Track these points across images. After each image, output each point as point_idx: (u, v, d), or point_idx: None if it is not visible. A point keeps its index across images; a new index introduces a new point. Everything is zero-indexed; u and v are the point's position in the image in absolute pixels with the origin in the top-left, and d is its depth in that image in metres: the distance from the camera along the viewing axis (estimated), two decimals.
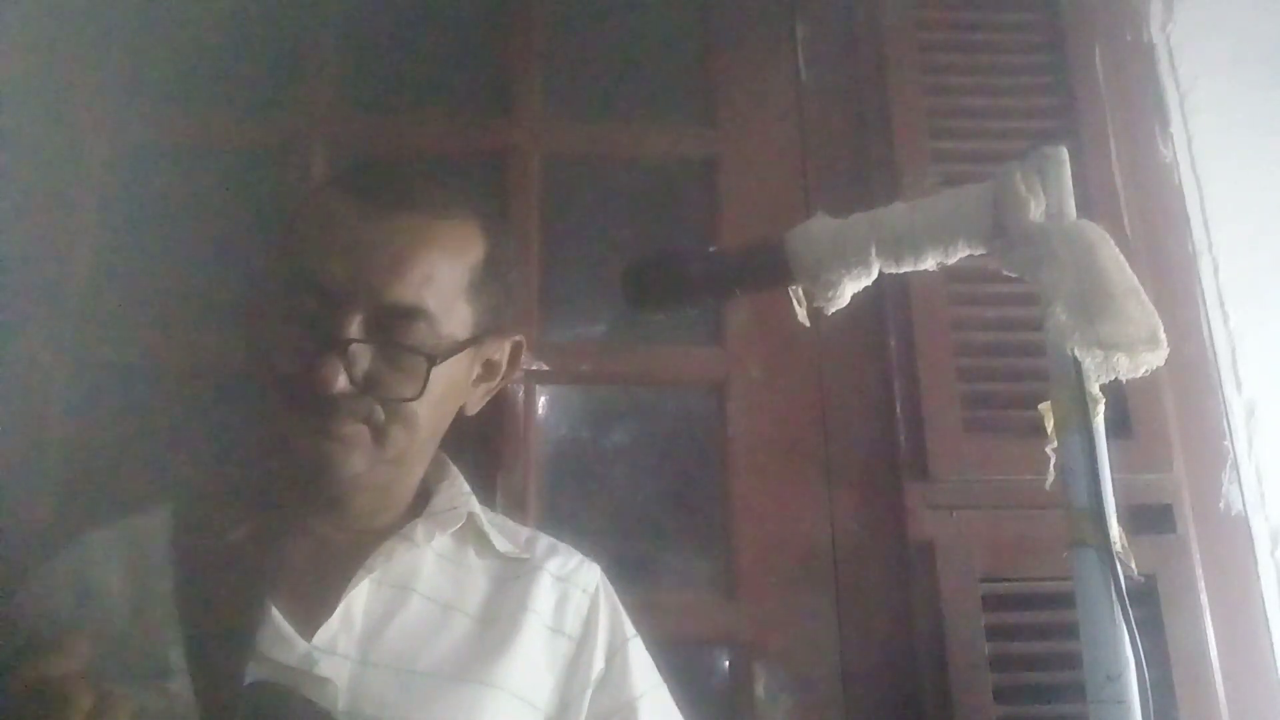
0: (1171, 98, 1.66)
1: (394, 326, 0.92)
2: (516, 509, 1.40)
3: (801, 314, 0.85)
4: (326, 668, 0.90)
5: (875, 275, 0.83)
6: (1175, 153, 1.64)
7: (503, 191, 1.57)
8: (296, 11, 1.66)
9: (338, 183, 1.00)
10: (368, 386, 0.92)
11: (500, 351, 1.06)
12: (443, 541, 1.03)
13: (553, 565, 1.06)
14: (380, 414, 0.93)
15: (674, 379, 1.56)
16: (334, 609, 0.93)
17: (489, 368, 1.06)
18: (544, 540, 1.10)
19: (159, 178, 1.55)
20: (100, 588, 0.96)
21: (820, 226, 0.83)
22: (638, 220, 1.67)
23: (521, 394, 1.48)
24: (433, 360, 0.93)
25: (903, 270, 0.83)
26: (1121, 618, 0.69)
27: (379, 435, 0.94)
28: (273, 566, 0.94)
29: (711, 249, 0.93)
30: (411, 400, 0.93)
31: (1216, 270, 1.57)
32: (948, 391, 1.47)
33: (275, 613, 0.91)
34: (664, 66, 1.74)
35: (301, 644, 0.91)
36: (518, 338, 1.08)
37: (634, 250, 0.92)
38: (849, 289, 0.83)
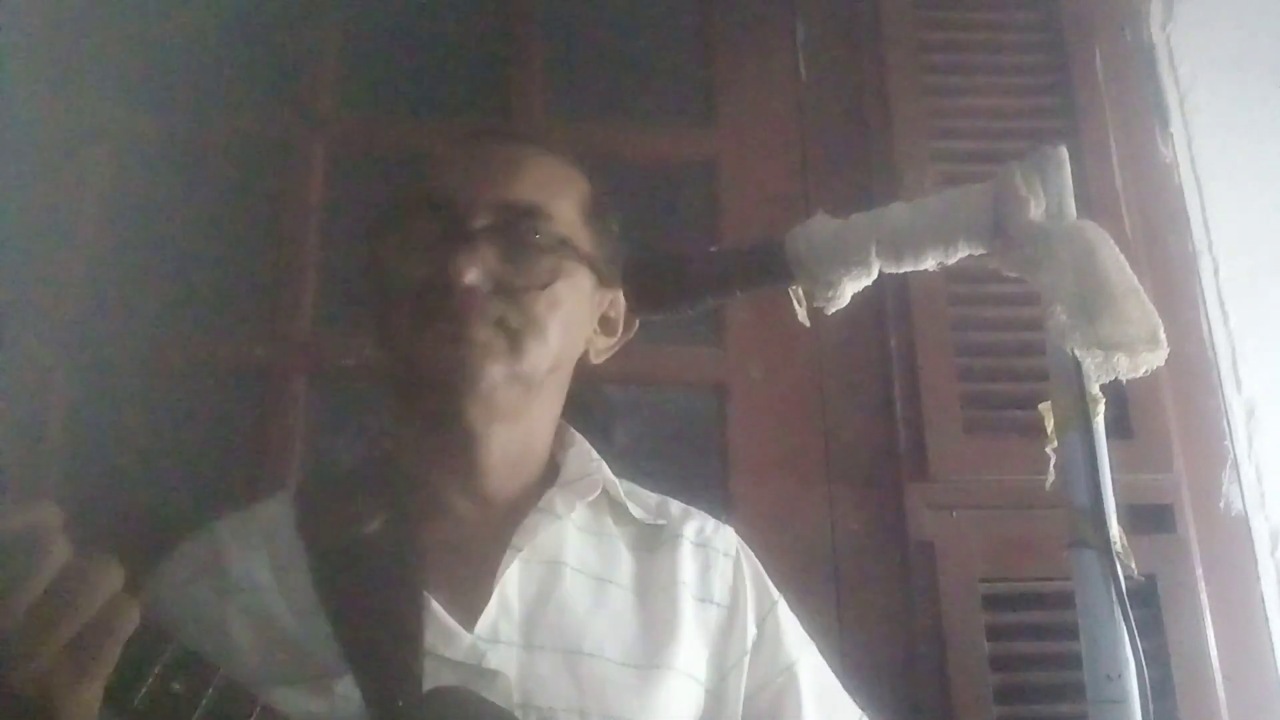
0: (1171, 98, 1.66)
1: (519, 223, 0.94)
2: None
3: (801, 314, 0.85)
4: (495, 659, 0.85)
5: (875, 275, 0.82)
6: (1175, 153, 1.64)
7: None
8: (296, 12, 1.66)
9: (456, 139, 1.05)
10: (498, 286, 0.91)
11: (615, 308, 1.05)
12: (581, 512, 0.99)
13: (690, 531, 1.02)
14: (514, 319, 0.91)
15: (674, 379, 1.56)
16: (489, 594, 0.89)
17: (605, 324, 1.05)
18: (674, 505, 1.06)
19: (159, 178, 1.55)
20: (244, 580, 0.90)
21: (820, 226, 0.83)
22: (638, 220, 1.66)
23: None
24: (562, 244, 0.94)
25: (903, 270, 0.83)
26: (1121, 618, 0.69)
27: (514, 342, 0.91)
28: (422, 556, 0.89)
29: (711, 249, 0.93)
30: (544, 286, 0.92)
31: (1216, 270, 1.57)
32: (948, 391, 1.47)
33: (436, 605, 0.86)
34: (664, 66, 1.74)
35: (466, 636, 0.86)
36: None
37: (634, 250, 0.92)
38: (849, 289, 0.83)
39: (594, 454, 1.04)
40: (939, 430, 1.45)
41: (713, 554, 1.01)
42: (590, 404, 1.11)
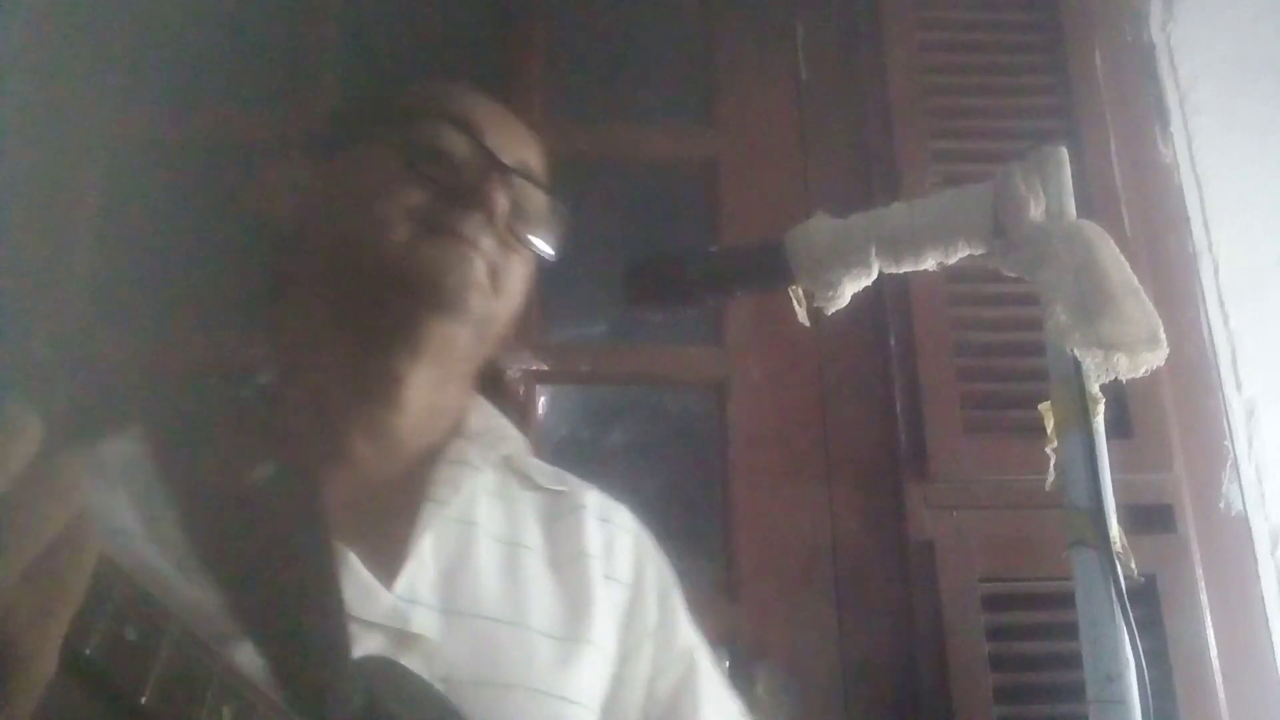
0: (1171, 98, 1.66)
1: (534, 187, 0.93)
2: None
3: (801, 314, 0.85)
4: (419, 622, 0.77)
5: (875, 275, 0.82)
6: (1175, 153, 1.64)
7: None
8: (297, 12, 1.66)
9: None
10: (503, 233, 0.89)
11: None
12: (488, 474, 0.92)
13: (592, 502, 0.96)
14: (503, 271, 0.89)
15: (674, 379, 1.56)
16: (404, 551, 0.80)
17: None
18: (569, 475, 1.00)
19: (159, 177, 1.55)
20: (107, 522, 0.76)
21: (820, 226, 0.83)
22: (638, 220, 1.67)
23: (521, 394, 1.48)
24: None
25: (903, 270, 0.83)
26: (1121, 618, 0.69)
27: (496, 289, 0.89)
28: (329, 507, 0.78)
29: (711, 249, 0.92)
30: (551, 257, 0.92)
31: (1216, 270, 1.58)
32: (948, 391, 1.47)
33: (354, 559, 0.77)
34: (664, 66, 1.75)
35: (387, 595, 0.77)
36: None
37: (634, 250, 0.92)
38: (849, 289, 0.83)
39: (497, 412, 0.98)
40: (939, 430, 1.45)
41: (616, 530, 0.96)
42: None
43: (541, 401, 1.51)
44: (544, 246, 0.93)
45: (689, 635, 0.95)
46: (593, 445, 1.56)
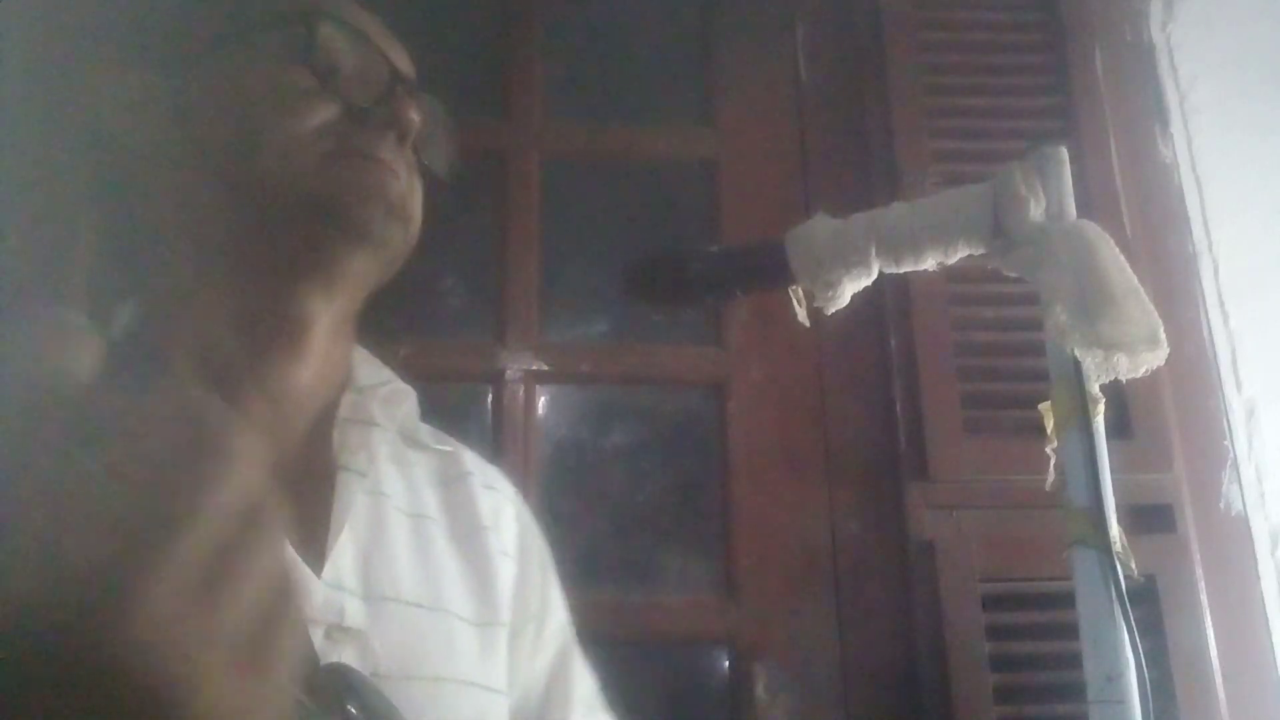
0: (1171, 98, 1.66)
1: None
2: None
3: (801, 314, 0.85)
4: (351, 614, 0.68)
5: (875, 275, 0.82)
6: (1175, 153, 1.64)
7: (503, 191, 1.57)
8: None
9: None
10: (413, 148, 0.80)
11: None
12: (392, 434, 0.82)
13: (474, 467, 0.88)
14: (410, 199, 0.79)
15: (674, 379, 1.56)
16: (328, 528, 0.71)
17: None
18: (444, 434, 0.90)
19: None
20: None
21: (820, 226, 0.83)
22: (638, 220, 1.67)
23: (522, 394, 1.48)
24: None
25: (903, 270, 0.83)
26: (1121, 618, 0.69)
27: (406, 210, 0.78)
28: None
29: (711, 249, 0.92)
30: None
31: (1216, 270, 1.58)
32: (948, 391, 1.47)
33: (288, 545, 0.66)
34: (664, 66, 1.75)
35: (319, 585, 0.68)
36: None
37: (634, 250, 0.92)
38: (849, 289, 0.83)
39: (380, 362, 0.86)
40: (939, 430, 1.45)
41: (501, 499, 0.88)
42: None
43: (541, 401, 1.51)
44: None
45: (561, 609, 0.90)
46: (593, 445, 1.56)
